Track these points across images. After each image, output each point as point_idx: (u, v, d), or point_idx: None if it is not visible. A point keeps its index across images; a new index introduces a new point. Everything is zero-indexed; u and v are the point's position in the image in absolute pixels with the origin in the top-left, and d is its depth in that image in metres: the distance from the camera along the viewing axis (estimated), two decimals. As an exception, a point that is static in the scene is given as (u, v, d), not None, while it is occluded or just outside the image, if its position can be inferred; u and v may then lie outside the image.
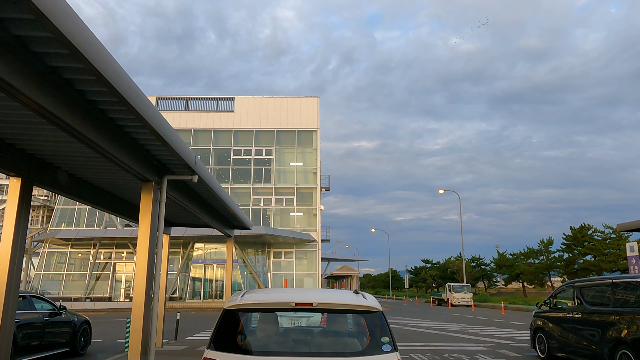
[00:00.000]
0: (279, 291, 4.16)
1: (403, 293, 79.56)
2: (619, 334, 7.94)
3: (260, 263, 38.96)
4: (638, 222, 10.84)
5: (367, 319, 3.77)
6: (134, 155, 5.18)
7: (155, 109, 4.63)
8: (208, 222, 9.17)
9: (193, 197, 7.72)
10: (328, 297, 3.81)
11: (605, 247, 41.91)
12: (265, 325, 4.49)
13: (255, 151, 41.68)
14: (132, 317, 5.46)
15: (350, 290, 4.14)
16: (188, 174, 5.96)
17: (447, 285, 42.39)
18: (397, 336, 15.45)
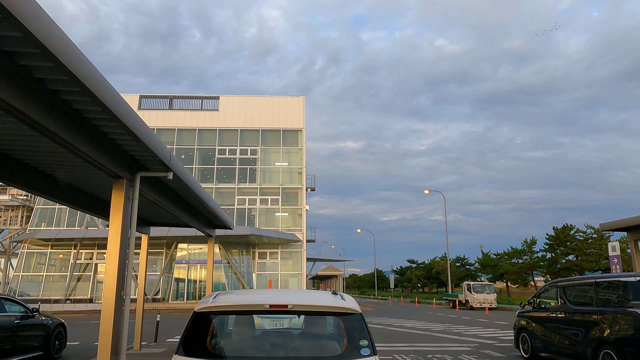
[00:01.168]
0: (253, 292, 3.97)
1: (388, 293, 79.72)
2: (602, 333, 7.90)
3: (245, 264, 38.61)
4: (620, 221, 10.85)
5: (345, 322, 3.60)
6: (103, 150, 4.93)
7: (124, 101, 4.40)
8: (187, 221, 8.92)
9: (170, 196, 7.47)
10: (304, 299, 3.63)
11: (587, 247, 42.44)
12: (240, 329, 4.29)
13: (240, 151, 41.32)
14: (102, 320, 5.21)
15: (329, 291, 3.97)
16: (162, 171, 5.72)
17: (465, 284, 36.93)
18: (382, 337, 15.33)
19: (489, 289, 34.92)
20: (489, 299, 34.06)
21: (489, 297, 34.15)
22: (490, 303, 33.80)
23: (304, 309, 3.54)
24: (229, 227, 10.91)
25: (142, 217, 9.98)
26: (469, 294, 34.85)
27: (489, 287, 35.38)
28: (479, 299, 33.90)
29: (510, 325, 18.53)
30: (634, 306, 7.40)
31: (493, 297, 34.42)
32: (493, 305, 33.83)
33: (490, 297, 34.18)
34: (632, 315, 7.38)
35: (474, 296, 34.19)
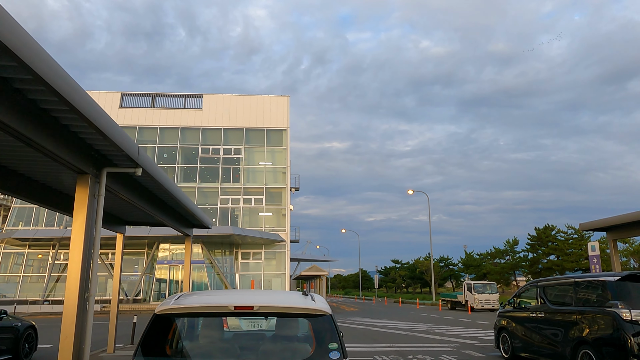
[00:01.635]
0: (219, 293, 3.77)
1: (373, 293, 79.83)
2: (581, 333, 7.86)
3: (228, 264, 38.22)
4: (599, 221, 10.88)
5: (314, 323, 3.42)
6: (64, 144, 4.68)
7: (83, 92, 4.16)
8: (163, 220, 8.66)
9: (143, 193, 7.21)
10: (272, 300, 3.46)
11: (567, 247, 42.96)
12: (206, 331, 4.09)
13: (223, 150, 40.92)
14: (63, 322, 4.95)
15: (299, 292, 3.80)
16: (130, 167, 5.48)
17: (465, 284, 34.02)
18: (364, 337, 15.21)
19: (491, 289, 32.44)
20: (491, 299, 31.62)
21: (491, 298, 31.74)
22: (492, 304, 31.34)
23: (271, 310, 3.36)
24: (207, 227, 10.67)
25: (116, 215, 9.69)
26: (470, 295, 32.31)
27: (490, 286, 32.79)
28: (481, 299, 31.51)
29: (492, 325, 18.56)
30: (612, 306, 7.37)
31: (495, 297, 31.90)
32: (496, 306, 30.99)
33: (493, 298, 31.74)
34: (610, 315, 7.34)
35: (475, 297, 31.72)
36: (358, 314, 29.18)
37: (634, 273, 7.54)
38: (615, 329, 7.22)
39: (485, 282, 33.88)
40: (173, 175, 40.51)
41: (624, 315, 7.15)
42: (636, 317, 7.11)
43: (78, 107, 3.95)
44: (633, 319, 7.11)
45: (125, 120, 41.47)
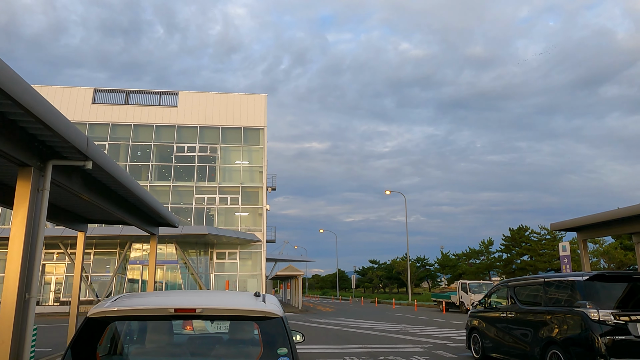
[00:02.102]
0: (160, 295, 3.48)
1: (350, 293, 79.86)
2: (550, 333, 7.78)
3: (202, 264, 37.60)
4: (569, 221, 10.89)
5: (262, 327, 3.17)
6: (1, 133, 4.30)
7: (18, 78, 3.82)
8: (123, 218, 8.27)
9: (99, 189, 6.83)
10: (217, 302, 3.18)
11: (540, 248, 43.61)
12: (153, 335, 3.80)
13: (199, 148, 40.27)
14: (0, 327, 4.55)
15: (251, 293, 3.54)
16: (79, 159, 5.11)
17: (459, 283, 32.12)
18: (337, 338, 15.00)
19: (488, 289, 30.32)
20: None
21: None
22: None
23: (216, 313, 3.09)
24: (173, 225, 10.29)
25: (76, 213, 9.24)
26: (465, 295, 30.44)
27: (487, 286, 30.52)
28: (477, 300, 28.28)
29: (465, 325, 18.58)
30: (581, 306, 7.31)
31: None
32: None
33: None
34: (578, 315, 7.28)
35: (470, 297, 29.55)
36: (333, 315, 29.00)
37: (602, 273, 7.50)
38: (583, 329, 7.15)
39: (481, 282, 32.02)
40: (147, 174, 39.70)
41: (592, 315, 7.09)
42: (604, 317, 7.06)
43: (9, 92, 3.60)
44: (601, 319, 7.05)
45: (98, 116, 40.47)
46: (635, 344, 6.97)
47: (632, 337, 6.97)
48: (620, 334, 6.98)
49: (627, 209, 9.46)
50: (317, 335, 15.92)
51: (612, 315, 7.05)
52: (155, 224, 10.07)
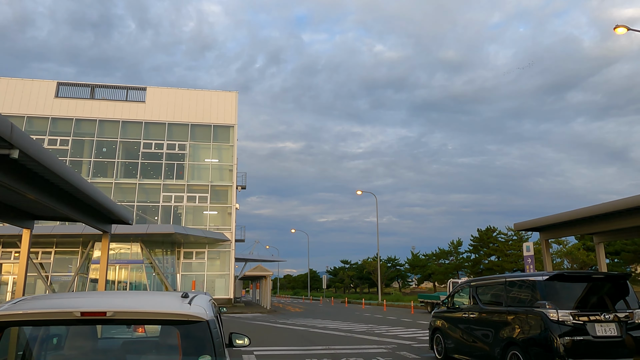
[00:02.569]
0: (68, 296, 3.11)
1: (322, 293, 79.72)
2: (510, 334, 7.70)
3: (169, 264, 36.74)
4: (532, 221, 10.91)
5: (183, 332, 2.84)
6: None
7: None
8: (69, 214, 7.78)
9: (38, 183, 6.36)
10: (132, 304, 2.84)
11: (507, 248, 44.39)
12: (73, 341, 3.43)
13: (167, 145, 39.36)
14: None
15: (179, 293, 3.20)
16: (4, 147, 4.65)
17: (450, 282, 30.36)
18: (301, 339, 14.72)
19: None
20: None
21: None
22: None
23: (129, 317, 2.75)
24: (126, 222, 9.81)
25: (20, 209, 8.68)
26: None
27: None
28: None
29: (431, 325, 18.57)
30: (540, 306, 7.23)
31: None
32: None
33: None
34: (538, 315, 7.20)
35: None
36: (301, 315, 28.71)
37: (562, 273, 7.45)
38: (542, 329, 7.08)
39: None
40: (113, 171, 38.55)
41: (551, 315, 7.03)
42: (563, 318, 7.00)
43: None
44: (560, 319, 6.99)
45: (62, 111, 39.06)
46: (594, 344, 6.94)
47: (591, 337, 6.94)
48: (578, 334, 6.94)
49: (587, 209, 9.51)
50: (281, 337, 15.61)
51: (571, 316, 7.00)
52: (107, 221, 9.57)
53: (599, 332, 6.98)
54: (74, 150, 38.60)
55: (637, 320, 7.20)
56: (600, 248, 11.46)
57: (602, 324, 7.03)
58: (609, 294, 7.53)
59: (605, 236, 10.96)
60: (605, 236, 10.96)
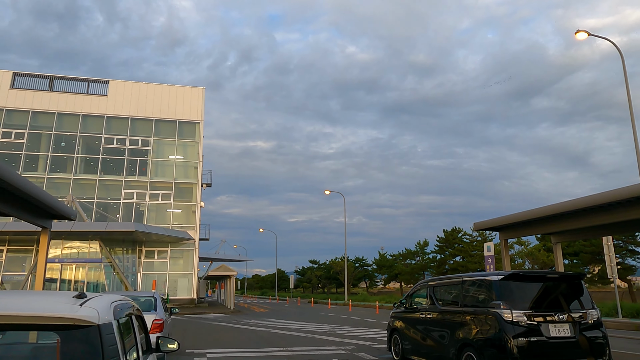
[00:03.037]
0: None
1: (290, 293, 79.24)
2: (466, 334, 7.52)
3: (130, 263, 35.60)
4: (491, 221, 10.84)
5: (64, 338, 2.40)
6: None
7: None
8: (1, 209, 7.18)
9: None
10: (9, 305, 2.41)
11: (472, 249, 45.01)
12: None
13: (130, 141, 38.15)
14: None
15: (72, 293, 2.76)
16: None
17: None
18: (260, 341, 14.31)
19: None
20: None
21: None
22: None
23: (6, 321, 2.32)
24: (69, 218, 9.19)
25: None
26: None
27: None
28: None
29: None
30: (495, 306, 7.07)
31: None
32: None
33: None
34: (493, 316, 7.04)
35: None
36: (265, 315, 28.24)
37: (517, 272, 7.31)
38: (497, 330, 6.92)
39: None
40: (72, 166, 37.08)
41: (506, 315, 6.87)
42: (517, 318, 6.85)
43: None
44: (514, 320, 6.84)
45: (17, 102, 37.33)
46: (548, 345, 6.82)
47: (544, 338, 6.81)
48: (532, 335, 6.80)
49: (544, 209, 9.47)
50: (239, 338, 15.16)
51: (525, 316, 6.86)
52: (47, 216, 8.93)
53: (553, 333, 6.87)
54: (30, 144, 36.95)
55: (591, 321, 7.13)
56: (557, 248, 11.49)
57: (556, 325, 6.92)
58: (564, 294, 7.44)
59: (562, 236, 10.99)
60: (562, 236, 10.99)
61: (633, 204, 8.56)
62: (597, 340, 7.12)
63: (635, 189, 8.07)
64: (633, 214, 8.49)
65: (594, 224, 9.17)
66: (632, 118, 19.36)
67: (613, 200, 8.41)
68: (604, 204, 8.65)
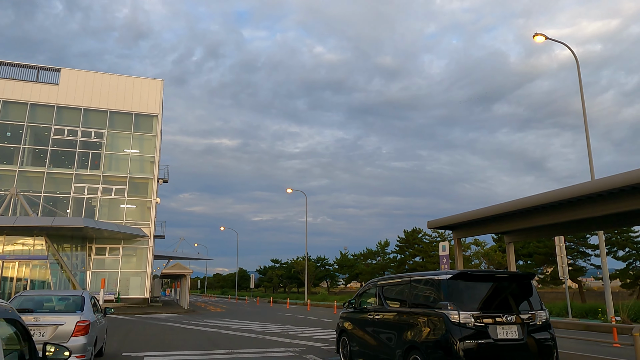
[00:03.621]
0: None
1: (250, 293, 78.11)
2: (412, 337, 7.14)
3: (79, 260, 33.95)
4: (445, 219, 10.59)
5: None
6: None
7: None
8: None
9: None
10: None
11: (431, 250, 45.41)
12: None
13: (82, 132, 36.41)
14: None
15: None
16: None
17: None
18: (207, 342, 13.62)
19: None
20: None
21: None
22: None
23: None
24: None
25: None
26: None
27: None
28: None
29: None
30: (443, 307, 6.71)
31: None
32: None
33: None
34: (439, 317, 6.68)
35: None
36: (220, 315, 27.42)
37: (465, 272, 6.98)
38: (443, 332, 6.56)
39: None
40: (18, 157, 35.04)
41: (453, 317, 6.52)
42: (465, 320, 6.51)
43: None
44: (461, 322, 6.50)
45: (-42, 88, 34.96)
46: (495, 347, 6.52)
47: (492, 340, 6.50)
48: (480, 338, 6.48)
49: (499, 206, 9.25)
50: (186, 340, 14.41)
51: (473, 317, 6.53)
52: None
53: (501, 335, 6.58)
54: (-29, 133, 34.70)
55: (539, 322, 6.89)
56: (510, 248, 11.36)
57: (504, 326, 6.63)
58: (513, 295, 7.17)
59: (516, 236, 10.85)
60: (516, 236, 10.85)
61: (584, 202, 8.44)
62: (545, 342, 6.89)
63: (586, 187, 7.93)
64: (582, 213, 8.38)
65: (546, 222, 9.02)
66: (585, 125, 19.73)
67: (564, 198, 8.25)
68: (555, 202, 8.49)
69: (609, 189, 7.58)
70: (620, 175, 7.37)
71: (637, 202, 7.59)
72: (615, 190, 7.62)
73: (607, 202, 7.93)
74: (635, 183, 7.17)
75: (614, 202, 7.82)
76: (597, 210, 8.13)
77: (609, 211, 8.02)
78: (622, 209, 7.75)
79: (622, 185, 7.36)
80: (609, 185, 7.53)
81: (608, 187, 7.55)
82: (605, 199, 7.99)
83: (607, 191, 7.70)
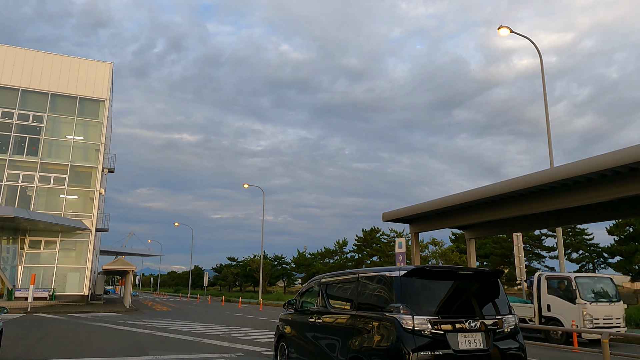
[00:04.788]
0: None
1: (204, 291, 75.59)
2: (358, 345, 5.93)
3: (10, 254, 31.15)
4: (400, 210, 9.56)
5: None
6: None
7: None
8: None
9: None
10: None
11: (389, 249, 44.77)
12: None
13: (19, 115, 33.51)
14: None
15: None
16: None
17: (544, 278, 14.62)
18: (133, 347, 12.00)
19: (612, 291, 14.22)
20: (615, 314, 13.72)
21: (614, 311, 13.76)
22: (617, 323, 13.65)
23: None
24: None
25: None
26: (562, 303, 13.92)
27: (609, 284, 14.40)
28: (595, 314, 13.40)
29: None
30: (394, 310, 5.51)
31: (620, 310, 13.95)
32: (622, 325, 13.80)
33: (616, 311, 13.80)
34: (390, 322, 5.48)
35: (585, 309, 13.34)
36: (164, 315, 25.55)
37: (422, 267, 5.80)
38: (394, 340, 5.36)
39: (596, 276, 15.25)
40: (-55, 140, 31.82)
41: (405, 322, 5.33)
42: (420, 326, 5.33)
43: None
44: (416, 328, 5.31)
45: None
46: (455, 358, 5.37)
47: (451, 351, 5.36)
48: (437, 348, 5.32)
49: (458, 196, 8.21)
50: (109, 343, 12.71)
51: (429, 323, 5.36)
52: None
53: (462, 345, 5.44)
54: None
55: (507, 329, 5.80)
56: (471, 245, 10.39)
57: (467, 334, 5.50)
58: (477, 296, 6.06)
59: (477, 231, 9.88)
60: (477, 231, 9.88)
61: (546, 192, 7.49)
62: (512, 352, 5.81)
63: (547, 174, 6.97)
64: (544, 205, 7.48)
65: (509, 215, 8.07)
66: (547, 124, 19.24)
67: (526, 187, 7.29)
68: (515, 192, 7.55)
69: (580, 175, 6.62)
70: (599, 157, 6.40)
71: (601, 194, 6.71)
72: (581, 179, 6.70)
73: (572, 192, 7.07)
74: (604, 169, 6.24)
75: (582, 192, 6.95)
76: (564, 202, 7.24)
77: (576, 203, 7.13)
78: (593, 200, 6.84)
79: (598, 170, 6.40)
80: (582, 170, 6.57)
81: (580, 172, 6.60)
82: (570, 188, 7.11)
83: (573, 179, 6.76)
